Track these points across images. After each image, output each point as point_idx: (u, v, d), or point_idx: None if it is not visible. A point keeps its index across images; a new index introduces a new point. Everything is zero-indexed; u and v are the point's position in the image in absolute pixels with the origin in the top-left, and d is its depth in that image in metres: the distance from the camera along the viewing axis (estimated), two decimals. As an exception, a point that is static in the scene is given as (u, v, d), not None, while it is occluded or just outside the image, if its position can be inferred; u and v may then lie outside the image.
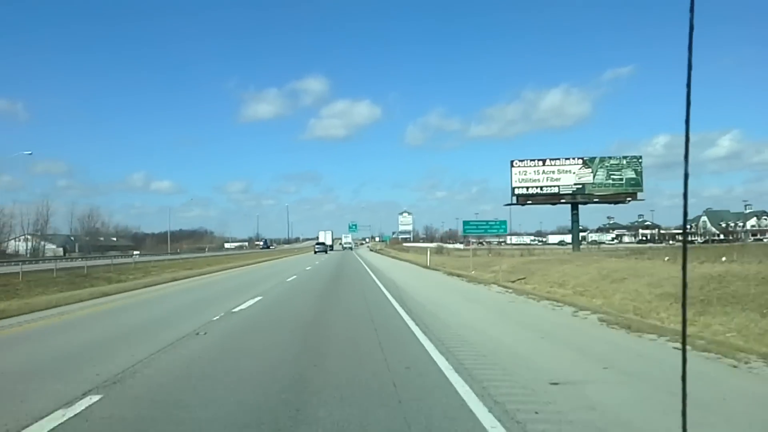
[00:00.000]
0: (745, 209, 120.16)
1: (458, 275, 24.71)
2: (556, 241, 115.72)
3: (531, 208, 46.06)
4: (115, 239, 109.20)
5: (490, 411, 4.46)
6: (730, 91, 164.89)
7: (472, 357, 6.72)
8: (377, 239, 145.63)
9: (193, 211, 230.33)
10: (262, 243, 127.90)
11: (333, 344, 7.97)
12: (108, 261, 38.11)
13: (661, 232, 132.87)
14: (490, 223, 22.62)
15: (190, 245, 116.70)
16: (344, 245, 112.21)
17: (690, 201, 1.52)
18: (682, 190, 1.53)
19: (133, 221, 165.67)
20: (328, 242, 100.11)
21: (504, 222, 20.99)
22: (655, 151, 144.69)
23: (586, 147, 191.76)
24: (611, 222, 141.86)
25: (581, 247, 49.34)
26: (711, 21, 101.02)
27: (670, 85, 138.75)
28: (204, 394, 5.16)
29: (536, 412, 4.44)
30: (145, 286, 21.24)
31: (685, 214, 1.59)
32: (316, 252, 77.55)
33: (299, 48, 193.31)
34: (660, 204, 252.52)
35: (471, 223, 26.19)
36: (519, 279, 20.33)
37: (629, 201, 44.10)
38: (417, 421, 4.22)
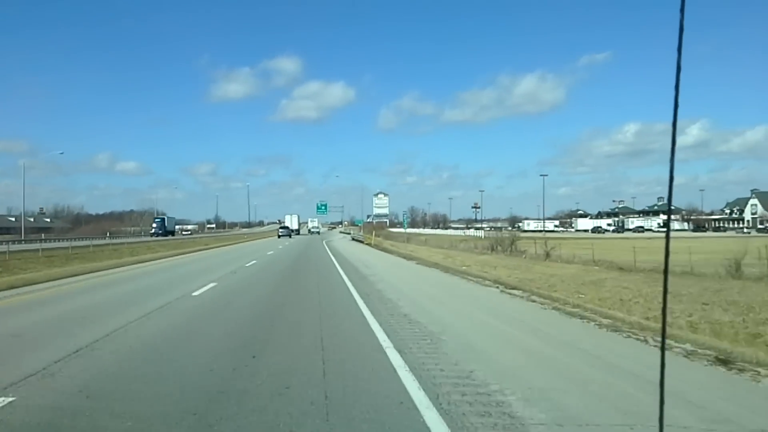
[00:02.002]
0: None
1: None
2: (589, 228, 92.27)
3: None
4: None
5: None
6: (703, 78, 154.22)
7: None
8: (359, 224, 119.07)
9: (158, 193, 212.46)
10: (155, 225, 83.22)
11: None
12: None
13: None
14: None
15: (112, 228, 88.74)
16: (311, 230, 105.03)
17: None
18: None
19: (97, 202, 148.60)
20: (294, 226, 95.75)
21: None
22: (625, 139, 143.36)
23: (559, 133, 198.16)
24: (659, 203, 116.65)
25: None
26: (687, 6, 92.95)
27: (645, 71, 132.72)
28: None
29: None
30: None
31: (670, 201, 1.57)
32: (279, 236, 73.61)
33: (273, 26, 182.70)
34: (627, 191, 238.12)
35: None
36: None
37: None
38: None
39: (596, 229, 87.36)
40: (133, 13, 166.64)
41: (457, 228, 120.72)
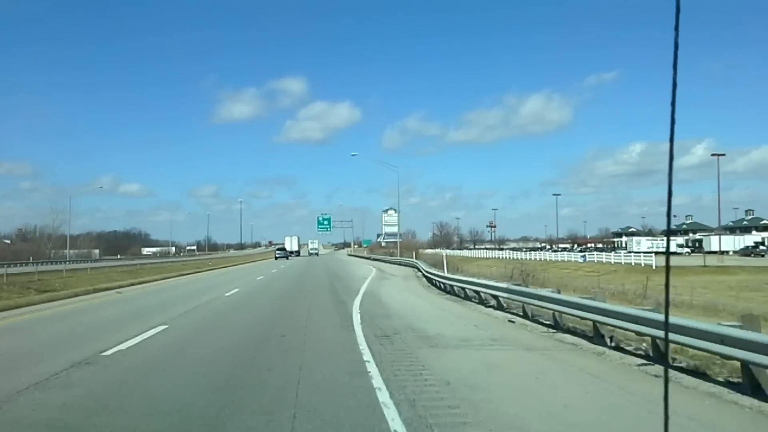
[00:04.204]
0: None
1: None
2: (730, 248, 66.83)
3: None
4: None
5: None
6: (712, 98, 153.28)
7: None
8: (367, 245, 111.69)
9: (160, 215, 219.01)
10: None
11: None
12: None
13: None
14: None
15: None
16: (310, 251, 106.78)
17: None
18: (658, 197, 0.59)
19: (99, 224, 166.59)
20: (294, 248, 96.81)
21: None
22: (630, 159, 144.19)
23: (564, 154, 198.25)
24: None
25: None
26: (699, 24, 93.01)
27: (652, 91, 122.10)
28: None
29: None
30: None
31: (669, 219, 1.69)
32: (276, 258, 75.61)
33: (279, 46, 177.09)
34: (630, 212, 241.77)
35: None
36: None
37: None
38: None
39: (751, 250, 61.76)
40: (137, 33, 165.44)
41: (485, 248, 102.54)
